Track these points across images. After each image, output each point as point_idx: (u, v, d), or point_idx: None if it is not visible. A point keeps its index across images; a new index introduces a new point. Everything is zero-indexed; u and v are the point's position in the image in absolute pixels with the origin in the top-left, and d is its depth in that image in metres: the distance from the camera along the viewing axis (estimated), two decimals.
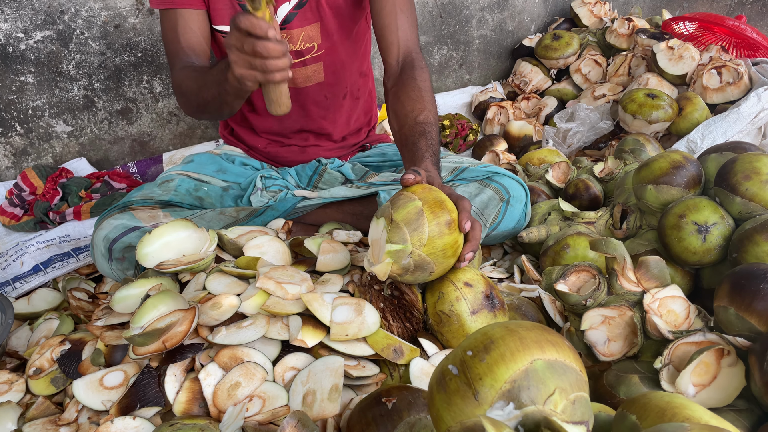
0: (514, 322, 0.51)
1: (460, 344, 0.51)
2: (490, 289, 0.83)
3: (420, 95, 1.08)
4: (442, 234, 0.78)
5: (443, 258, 0.79)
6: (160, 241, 0.95)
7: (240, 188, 1.30)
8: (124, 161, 1.85)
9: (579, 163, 1.46)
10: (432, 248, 0.77)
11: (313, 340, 0.73)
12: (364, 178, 1.28)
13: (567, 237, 1.04)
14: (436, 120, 1.06)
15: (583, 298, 0.78)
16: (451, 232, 0.78)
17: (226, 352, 0.73)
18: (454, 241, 0.79)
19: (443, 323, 0.80)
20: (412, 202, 0.78)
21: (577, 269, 0.84)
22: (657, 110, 1.47)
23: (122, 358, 0.80)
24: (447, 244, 0.78)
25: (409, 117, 1.06)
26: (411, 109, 1.06)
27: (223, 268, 0.90)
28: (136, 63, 1.74)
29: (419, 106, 1.06)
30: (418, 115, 1.05)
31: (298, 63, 1.25)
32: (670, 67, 1.64)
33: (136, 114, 1.82)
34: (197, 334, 0.76)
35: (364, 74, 1.40)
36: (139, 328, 0.75)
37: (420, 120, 1.04)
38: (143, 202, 1.10)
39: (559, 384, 0.47)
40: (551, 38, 2.17)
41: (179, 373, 0.73)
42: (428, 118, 1.04)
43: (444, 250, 0.78)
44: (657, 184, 0.98)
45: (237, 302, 0.80)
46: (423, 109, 1.06)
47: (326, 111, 1.34)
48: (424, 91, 1.09)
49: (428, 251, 0.77)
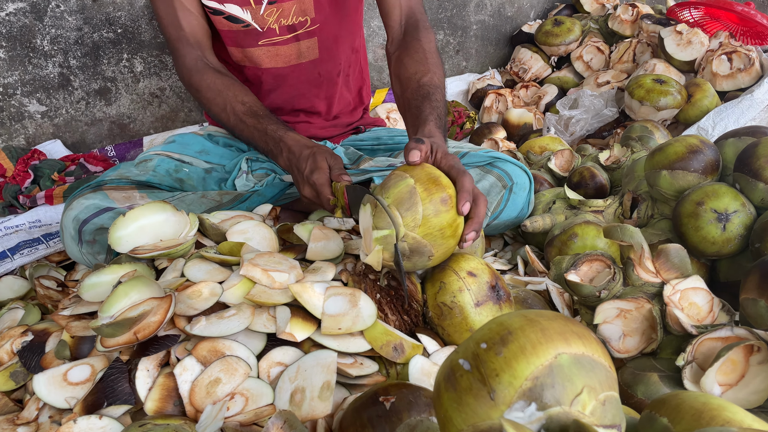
0: (534, 311, 0.46)
1: (471, 336, 0.46)
2: (496, 280, 0.78)
3: (424, 57, 1.03)
4: (439, 212, 0.72)
5: (442, 239, 0.73)
6: (135, 224, 0.88)
7: (224, 171, 1.24)
8: (102, 144, 1.77)
9: (583, 150, 1.41)
10: (428, 228, 0.71)
11: (303, 334, 0.67)
12: (357, 163, 1.22)
13: (574, 226, 0.99)
14: (442, 83, 1.00)
15: (597, 289, 0.73)
16: (448, 210, 0.72)
17: (205, 345, 0.67)
18: (452, 219, 0.73)
19: (444, 316, 0.75)
20: (404, 180, 0.72)
21: (589, 258, 0.78)
22: (665, 96, 1.42)
23: (90, 351, 0.73)
24: (445, 223, 0.72)
25: (411, 80, 1.00)
26: (414, 72, 1.01)
27: (203, 253, 0.84)
28: (116, 39, 1.66)
29: (423, 68, 1.01)
30: (421, 78, 0.99)
31: (290, 39, 1.19)
32: (678, 53, 1.59)
33: (115, 94, 1.74)
34: (173, 325, 0.70)
35: (356, 50, 1.34)
36: (109, 317, 0.68)
37: (424, 82, 0.98)
38: (118, 182, 1.03)
39: (587, 382, 0.42)
40: (552, 24, 2.12)
41: (152, 367, 0.67)
42: (432, 81, 0.98)
43: (442, 229, 0.72)
44: (672, 170, 0.93)
45: (218, 290, 0.73)
46: (427, 71, 1.00)
47: (320, 89, 1.28)
48: (429, 53, 1.04)
49: (424, 232, 0.71)
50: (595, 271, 0.78)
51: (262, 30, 1.15)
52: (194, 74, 1.12)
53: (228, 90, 1.09)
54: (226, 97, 1.08)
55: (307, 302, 0.69)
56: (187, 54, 1.12)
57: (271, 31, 1.16)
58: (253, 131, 1.05)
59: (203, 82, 1.10)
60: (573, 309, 0.89)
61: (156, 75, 1.77)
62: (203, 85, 1.10)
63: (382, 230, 0.71)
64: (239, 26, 1.15)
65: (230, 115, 1.08)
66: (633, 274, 0.74)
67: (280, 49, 1.19)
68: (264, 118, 1.05)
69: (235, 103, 1.07)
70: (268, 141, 1.03)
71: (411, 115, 0.95)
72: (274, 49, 1.19)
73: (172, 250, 0.83)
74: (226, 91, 1.09)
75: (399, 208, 0.71)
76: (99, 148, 1.76)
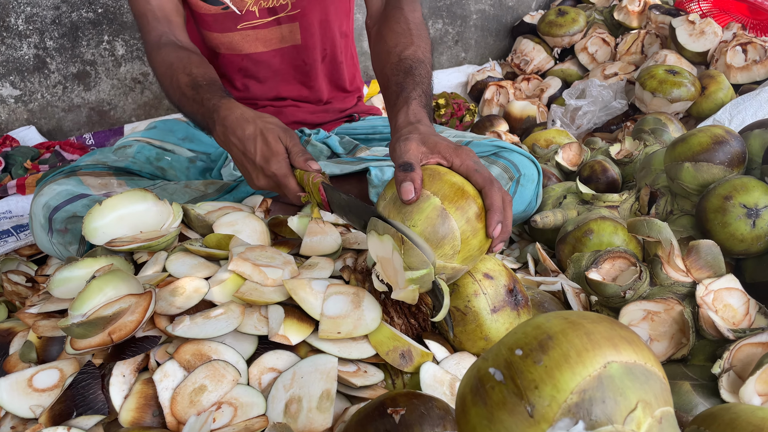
0: (574, 312, 0.40)
1: (501, 340, 0.40)
2: (513, 283, 0.72)
3: (407, 28, 0.92)
4: (476, 231, 0.63)
5: (479, 253, 0.65)
6: (113, 214, 0.82)
7: (209, 160, 1.17)
8: (80, 132, 1.70)
9: (592, 144, 1.36)
10: (467, 252, 0.63)
11: (298, 337, 0.61)
12: (353, 152, 1.16)
13: (590, 221, 0.94)
14: (428, 57, 0.89)
15: (622, 289, 0.68)
16: (482, 223, 0.64)
17: (188, 348, 0.61)
18: (485, 233, 0.66)
19: (457, 322, 0.69)
20: (428, 200, 0.62)
21: (611, 255, 0.73)
22: (679, 88, 1.38)
23: (58, 354, 0.67)
24: (483, 241, 0.64)
25: (392, 54, 0.88)
26: (394, 44, 0.90)
27: (188, 246, 0.77)
28: (96, 20, 1.59)
29: (405, 40, 0.90)
30: (403, 51, 0.87)
31: (271, 22, 1.13)
32: (690, 44, 1.55)
33: (95, 79, 1.66)
34: (153, 325, 0.64)
35: (345, 35, 1.27)
36: (80, 315, 0.62)
37: (406, 55, 0.86)
38: (94, 167, 0.96)
39: (642, 396, 0.36)
40: (556, 14, 2.07)
41: (128, 372, 0.60)
42: (416, 54, 0.87)
43: (481, 248, 0.64)
44: (696, 162, 0.88)
45: (204, 287, 0.67)
46: (410, 43, 0.89)
47: (304, 76, 1.21)
48: (413, 23, 0.93)
49: (464, 257, 0.63)
50: (618, 270, 0.73)
51: (240, 12, 1.09)
52: (154, 51, 0.99)
53: (179, 62, 0.94)
54: (174, 71, 0.93)
55: (303, 301, 0.63)
56: (152, 30, 1.01)
57: (250, 13, 1.10)
58: (192, 104, 0.89)
59: (158, 58, 0.97)
60: (592, 311, 0.83)
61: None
62: (158, 61, 0.97)
63: (418, 270, 0.60)
64: (218, 8, 1.08)
65: (175, 90, 0.92)
66: (661, 272, 0.69)
67: (260, 32, 1.13)
68: (203, 88, 0.88)
69: (181, 75, 0.91)
70: (205, 114, 0.86)
71: (392, 94, 0.82)
72: (254, 32, 1.13)
73: (154, 242, 0.77)
74: (176, 63, 0.94)
75: (433, 237, 0.61)
76: (77, 136, 1.69)
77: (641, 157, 1.22)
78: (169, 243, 0.79)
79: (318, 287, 0.66)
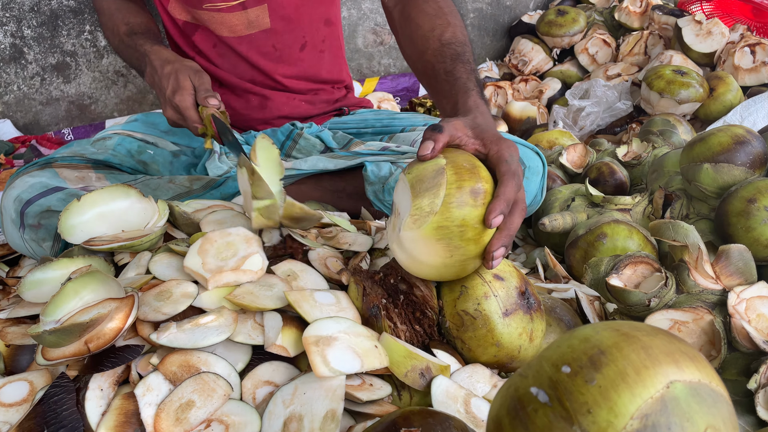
0: (625, 323, 0.36)
1: (541, 354, 0.35)
2: (525, 285, 0.68)
3: (438, 8, 0.87)
4: (463, 204, 0.59)
5: (460, 240, 0.60)
6: (92, 211, 0.76)
7: (194, 155, 1.12)
8: (58, 127, 1.63)
9: (598, 145, 1.33)
10: (445, 220, 0.59)
11: (297, 347, 0.56)
12: (347, 147, 1.11)
13: (602, 225, 0.90)
14: (466, 38, 0.85)
15: (647, 296, 0.64)
16: (477, 206, 0.60)
17: (175, 359, 0.55)
18: (478, 218, 0.61)
19: (465, 327, 0.64)
20: (435, 160, 0.62)
21: (633, 261, 0.69)
22: (687, 89, 1.35)
23: (29, 364, 0.61)
24: (468, 220, 0.59)
25: (430, 38, 0.84)
26: (431, 28, 0.85)
27: (173, 246, 0.72)
28: (78, 9, 1.53)
29: (440, 21, 0.85)
30: (442, 34, 0.83)
31: (236, 6, 1.07)
32: (696, 44, 1.53)
33: (75, 71, 1.60)
34: (135, 333, 0.58)
35: (331, 23, 1.21)
36: (53, 322, 0.56)
37: (447, 39, 0.82)
38: (71, 159, 0.90)
39: (710, 421, 0.32)
40: (555, 13, 2.05)
41: (107, 386, 0.55)
42: (456, 36, 0.83)
43: (462, 227, 0.59)
44: (716, 163, 0.85)
45: (193, 291, 0.62)
46: (447, 24, 0.84)
47: (277, 64, 1.15)
48: (442, 1, 0.89)
49: (439, 224, 0.59)
50: (640, 276, 0.69)
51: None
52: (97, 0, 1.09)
53: (119, 12, 1.04)
54: (115, 19, 1.03)
55: (308, 314, 0.58)
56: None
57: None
58: (129, 50, 1.00)
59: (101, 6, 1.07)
60: (605, 320, 0.79)
61: None
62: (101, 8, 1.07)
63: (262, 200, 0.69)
64: None
65: (115, 37, 1.03)
66: (689, 279, 0.65)
67: (225, 17, 1.07)
68: (138, 35, 1.00)
69: (120, 24, 1.02)
70: (139, 58, 0.97)
71: (443, 83, 0.79)
72: (219, 15, 1.07)
73: (136, 242, 0.71)
74: (116, 14, 1.04)
75: (417, 186, 0.60)
76: (55, 130, 1.62)
77: (650, 159, 1.19)
78: (153, 243, 0.74)
79: (322, 299, 0.61)
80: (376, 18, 2.03)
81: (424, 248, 0.61)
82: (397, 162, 0.99)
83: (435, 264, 0.62)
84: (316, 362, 0.51)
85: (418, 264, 0.63)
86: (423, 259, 0.62)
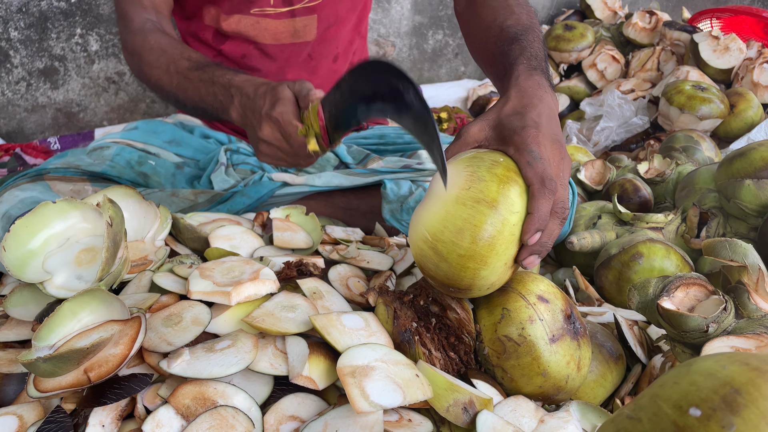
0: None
1: (656, 394, 0.30)
2: (570, 308, 0.63)
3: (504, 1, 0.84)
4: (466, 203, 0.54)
5: (455, 235, 0.54)
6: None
7: (198, 167, 1.07)
8: (44, 135, 1.57)
9: (618, 161, 1.29)
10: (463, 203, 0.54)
11: (327, 379, 0.51)
12: (364, 163, 1.07)
13: (637, 244, 0.86)
14: (534, 23, 0.80)
15: (707, 321, 0.59)
16: (477, 206, 0.54)
17: (188, 390, 0.50)
18: (478, 218, 0.54)
19: (508, 354, 0.59)
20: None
21: (684, 282, 0.65)
22: (708, 104, 1.33)
23: (18, 395, 0.55)
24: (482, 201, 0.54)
25: (492, 27, 0.80)
26: (492, 19, 0.82)
27: (176, 270, 0.66)
28: (68, 11, 1.48)
29: (503, 12, 0.81)
30: (504, 22, 0.79)
31: (285, 13, 1.03)
32: (714, 60, 1.51)
33: (64, 76, 1.54)
34: (141, 360, 0.53)
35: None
36: (48, 347, 0.50)
37: (508, 25, 0.78)
38: (65, 171, 0.85)
39: None
40: (563, 28, 2.04)
41: (109, 421, 0.49)
42: (521, 20, 0.79)
43: (475, 240, 0.53)
44: (758, 179, 0.81)
45: (206, 317, 0.56)
46: (510, 13, 0.81)
47: (311, 75, 1.12)
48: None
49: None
50: (693, 299, 0.64)
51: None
52: (137, 37, 0.94)
53: (173, 48, 0.91)
54: (170, 56, 0.89)
55: (337, 341, 0.53)
56: (135, 17, 0.95)
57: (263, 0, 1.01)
58: (198, 85, 0.86)
59: (146, 44, 0.92)
60: (649, 347, 0.75)
61: (115, 56, 1.59)
62: (145, 48, 0.92)
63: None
64: None
65: (173, 76, 0.89)
66: (749, 302, 0.61)
67: (270, 23, 1.04)
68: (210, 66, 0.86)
69: (180, 60, 0.89)
70: (217, 92, 0.83)
71: (498, 66, 0.75)
72: (265, 21, 1.03)
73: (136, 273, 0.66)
74: (171, 50, 0.90)
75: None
76: (40, 139, 1.56)
77: (674, 176, 1.16)
78: (159, 261, 0.68)
79: (350, 323, 0.56)
80: (379, 29, 2.00)
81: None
82: (418, 180, 0.95)
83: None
84: (354, 396, 0.45)
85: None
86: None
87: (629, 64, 1.92)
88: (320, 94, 0.71)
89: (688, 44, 1.70)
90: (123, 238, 0.64)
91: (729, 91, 1.43)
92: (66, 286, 0.60)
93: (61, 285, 0.60)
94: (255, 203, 0.99)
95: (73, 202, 0.66)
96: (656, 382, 0.31)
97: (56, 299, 0.60)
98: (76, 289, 0.60)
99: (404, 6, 2.01)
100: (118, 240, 0.62)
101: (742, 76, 1.48)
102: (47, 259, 0.63)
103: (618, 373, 0.70)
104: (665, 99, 1.37)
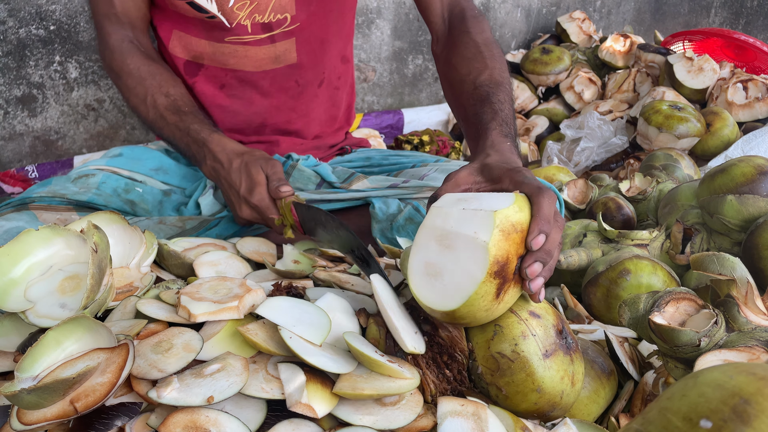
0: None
1: (664, 406, 0.30)
2: (562, 323, 0.64)
3: (477, 51, 0.90)
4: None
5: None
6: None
7: (184, 195, 1.06)
8: (22, 164, 1.54)
9: (599, 180, 1.32)
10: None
11: (325, 407, 0.50)
12: (348, 182, 1.07)
13: (624, 261, 0.87)
14: (505, 79, 0.87)
15: (699, 336, 0.60)
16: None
17: (179, 419, 0.48)
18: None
19: (502, 371, 0.59)
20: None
21: (674, 297, 0.66)
22: (685, 123, 1.36)
23: (0, 428, 0.53)
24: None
25: (465, 82, 0.87)
26: (467, 72, 0.88)
27: (163, 297, 0.65)
28: (47, 38, 1.47)
29: (477, 65, 0.87)
30: (477, 77, 0.86)
31: (264, 39, 1.04)
32: (688, 80, 1.56)
33: (42, 104, 1.53)
34: (130, 389, 0.51)
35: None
36: (31, 378, 0.49)
37: (480, 82, 0.84)
38: (50, 201, 0.84)
39: None
40: (540, 52, 2.09)
41: None
42: (492, 77, 0.85)
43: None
44: (740, 194, 0.83)
45: (197, 344, 0.55)
46: (483, 68, 0.87)
47: (296, 101, 1.12)
48: (483, 45, 0.91)
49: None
50: (683, 313, 0.65)
51: (229, 26, 1.00)
52: (116, 55, 0.98)
53: (152, 78, 0.95)
54: (148, 87, 0.94)
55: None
56: (113, 32, 0.99)
57: (241, 28, 1.01)
58: (174, 130, 0.92)
59: (125, 66, 0.97)
60: (639, 363, 0.75)
61: (94, 83, 1.58)
62: (124, 70, 0.97)
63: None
64: (203, 16, 0.99)
65: (150, 109, 0.94)
66: (739, 315, 0.61)
67: (251, 50, 1.04)
68: (188, 115, 0.92)
69: (158, 95, 0.94)
70: (190, 144, 0.91)
71: (471, 126, 0.81)
72: (243, 49, 1.03)
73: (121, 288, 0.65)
74: (149, 80, 0.95)
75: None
76: (17, 167, 1.53)
77: (655, 194, 1.18)
78: (144, 288, 0.67)
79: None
80: (360, 54, 2.03)
81: None
82: (406, 198, 0.95)
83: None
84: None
85: None
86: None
87: (606, 86, 1.96)
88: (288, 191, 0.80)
89: (663, 66, 1.75)
90: (108, 265, 0.63)
91: (705, 111, 1.47)
92: (49, 314, 0.59)
93: (44, 314, 0.59)
94: (242, 229, 0.98)
95: (56, 228, 0.64)
96: (663, 395, 0.31)
97: (39, 328, 0.59)
98: (60, 318, 0.58)
99: (384, 32, 2.04)
100: (103, 266, 0.61)
101: (717, 95, 1.52)
102: (29, 287, 0.62)
103: (611, 388, 0.70)
104: (643, 119, 1.40)
